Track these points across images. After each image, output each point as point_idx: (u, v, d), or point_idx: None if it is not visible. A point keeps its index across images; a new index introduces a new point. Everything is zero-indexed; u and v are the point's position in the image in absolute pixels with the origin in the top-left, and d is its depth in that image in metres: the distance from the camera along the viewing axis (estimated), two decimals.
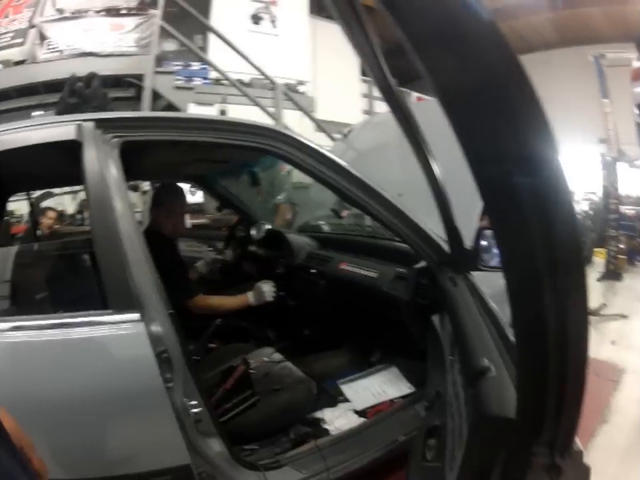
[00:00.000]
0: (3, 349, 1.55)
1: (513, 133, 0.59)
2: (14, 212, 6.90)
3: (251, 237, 3.94)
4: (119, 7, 7.64)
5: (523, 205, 0.63)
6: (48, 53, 7.41)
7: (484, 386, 1.12)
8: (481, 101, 0.59)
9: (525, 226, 0.64)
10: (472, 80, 0.58)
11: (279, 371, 2.40)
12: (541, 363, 0.71)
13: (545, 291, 0.66)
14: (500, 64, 0.57)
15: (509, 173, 0.62)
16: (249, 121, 2.12)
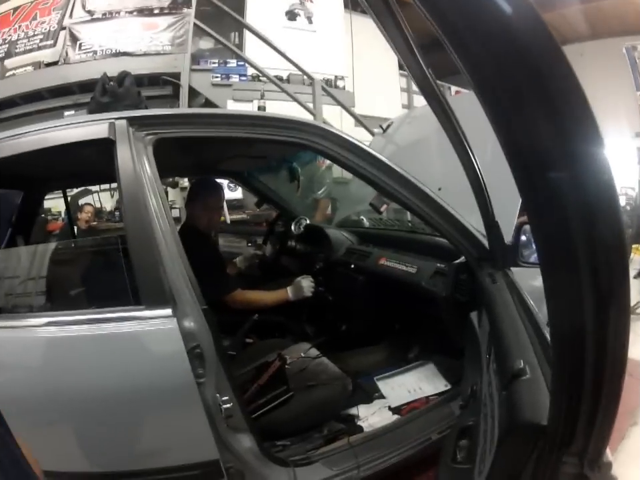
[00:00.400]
0: (38, 344, 1.59)
1: (556, 127, 0.56)
2: (51, 209, 7.10)
3: (290, 232, 3.94)
4: (151, 7, 7.70)
5: (563, 201, 0.59)
6: (81, 53, 7.51)
7: (517, 389, 1.08)
8: (524, 96, 0.56)
9: (564, 224, 0.61)
10: (513, 75, 0.55)
11: (315, 367, 2.37)
12: (577, 369, 0.67)
13: (585, 292, 0.62)
14: (543, 57, 0.54)
15: (549, 168, 0.58)
16: (286, 115, 2.10)
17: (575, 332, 0.65)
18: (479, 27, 0.52)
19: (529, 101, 0.55)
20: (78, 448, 1.66)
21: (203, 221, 2.86)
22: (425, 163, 2.85)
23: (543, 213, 0.63)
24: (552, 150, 0.57)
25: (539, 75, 0.53)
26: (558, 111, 0.55)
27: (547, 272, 0.67)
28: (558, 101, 0.54)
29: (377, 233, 3.66)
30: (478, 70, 0.55)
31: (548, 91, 0.54)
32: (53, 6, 7.86)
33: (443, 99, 1.44)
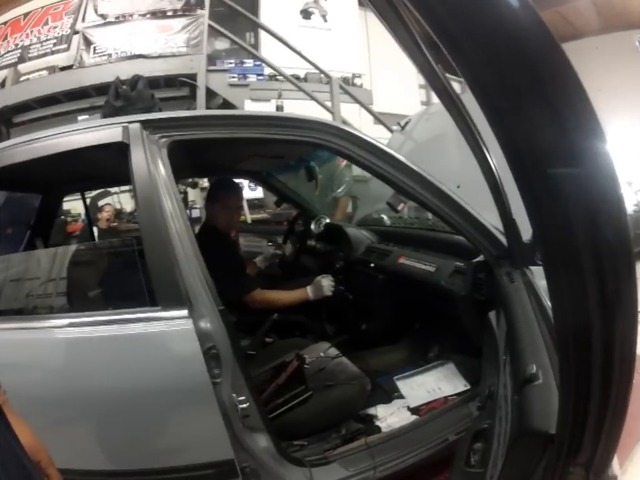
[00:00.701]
0: (59, 344, 1.61)
1: (555, 125, 0.54)
2: (71, 211, 7.22)
3: (310, 231, 3.95)
4: (164, 10, 7.70)
5: (565, 200, 0.57)
6: (96, 57, 7.57)
7: (529, 395, 1.06)
8: (522, 96, 0.54)
9: (567, 223, 0.58)
10: (511, 75, 0.53)
11: (334, 367, 2.37)
12: (584, 378, 0.65)
13: (590, 297, 0.60)
14: (543, 54, 0.52)
15: (550, 166, 0.56)
16: (300, 115, 2.10)
17: (580, 338, 0.63)
18: (471, 26, 0.50)
19: (526, 99, 0.53)
20: (96, 447, 1.69)
21: (223, 221, 2.87)
22: (444, 160, 2.82)
23: (545, 213, 0.61)
24: (551, 148, 0.55)
25: (536, 73, 0.51)
26: (557, 108, 0.53)
27: (551, 274, 0.65)
28: (557, 98, 0.52)
29: (397, 232, 3.63)
30: (472, 69, 0.53)
31: (546, 87, 0.52)
32: (64, 11, 7.94)
33: (454, 96, 1.41)
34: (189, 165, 2.53)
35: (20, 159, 1.73)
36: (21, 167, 1.76)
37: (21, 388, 1.51)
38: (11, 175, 2.04)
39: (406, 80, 9.31)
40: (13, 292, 2.03)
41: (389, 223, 3.90)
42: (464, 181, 2.39)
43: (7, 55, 7.96)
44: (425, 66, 1.24)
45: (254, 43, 8.40)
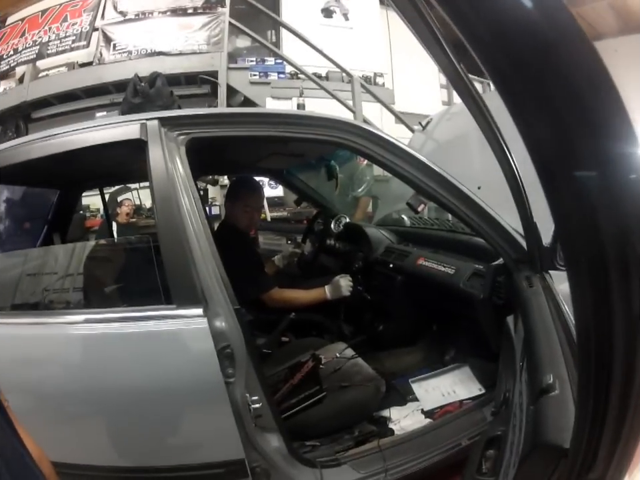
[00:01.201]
0: (75, 340, 1.63)
1: (585, 126, 0.52)
2: (90, 206, 7.33)
3: (330, 231, 3.93)
4: (184, 7, 7.76)
5: (593, 208, 0.54)
6: (116, 54, 7.64)
7: (544, 406, 1.03)
8: (552, 97, 0.51)
9: (595, 232, 0.56)
10: (541, 75, 0.51)
11: (349, 368, 2.35)
12: (603, 394, 0.63)
13: (615, 311, 0.57)
14: (582, 66, 0.49)
15: (577, 169, 0.53)
16: (320, 113, 2.09)
17: (602, 351, 0.61)
18: (500, 23, 0.48)
19: (555, 99, 0.50)
20: (110, 443, 1.70)
21: (243, 219, 2.87)
22: (465, 161, 2.80)
23: (569, 219, 0.58)
24: (579, 150, 0.52)
25: (567, 72, 0.49)
26: (587, 107, 0.50)
27: (575, 283, 0.62)
28: (588, 98, 0.50)
29: (416, 232, 3.61)
30: (498, 68, 0.51)
31: (577, 88, 0.50)
32: (83, 8, 8.02)
33: (476, 96, 1.39)
34: (209, 162, 2.53)
35: (39, 154, 1.75)
36: (40, 162, 1.78)
37: (36, 383, 1.53)
38: (29, 170, 2.06)
39: (427, 79, 9.28)
40: (29, 287, 2.05)
41: (408, 224, 3.88)
42: (485, 182, 2.36)
43: (25, 51, 8.06)
44: (447, 66, 1.22)
45: (275, 41, 8.45)
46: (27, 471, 0.82)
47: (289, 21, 7.61)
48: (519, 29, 0.49)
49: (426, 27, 1.00)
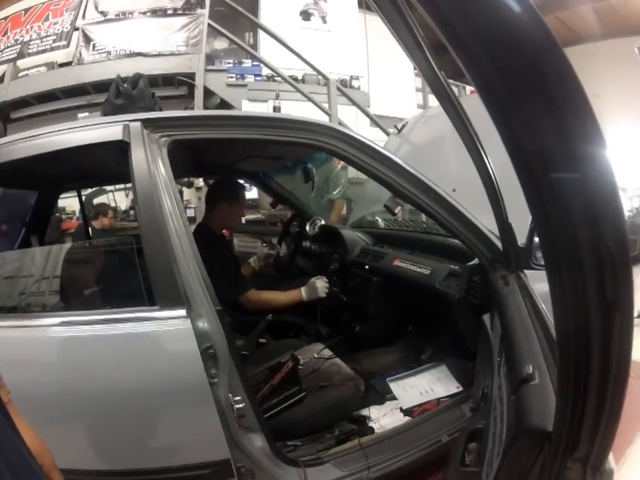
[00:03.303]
0: (52, 343, 1.62)
1: (558, 128, 0.56)
2: (66, 208, 7.21)
3: (305, 233, 3.98)
4: (164, 8, 7.73)
5: (568, 202, 0.59)
6: (95, 54, 7.57)
7: (525, 394, 1.08)
8: (526, 99, 0.55)
9: (570, 226, 0.60)
10: (516, 77, 0.55)
11: (328, 368, 2.39)
12: (581, 376, 0.68)
13: (589, 298, 0.62)
14: (545, 58, 0.53)
15: (553, 170, 0.58)
16: (299, 117, 2.12)
17: (579, 338, 0.65)
18: (480, 28, 0.52)
19: (530, 101, 0.55)
20: (92, 446, 1.69)
21: (222, 222, 2.90)
22: (440, 163, 2.85)
23: (547, 216, 0.63)
24: (553, 150, 0.57)
25: (540, 75, 0.53)
26: (559, 110, 0.54)
27: (553, 276, 0.67)
28: (559, 101, 0.54)
29: (392, 234, 3.68)
30: (479, 70, 0.55)
31: (549, 90, 0.54)
32: (65, 7, 7.93)
33: (454, 99, 1.43)
34: (187, 164, 2.54)
35: (20, 155, 1.73)
36: (21, 163, 1.77)
37: (17, 386, 1.53)
38: (9, 171, 2.04)
39: (403, 83, 9.39)
40: (6, 289, 2.04)
41: (383, 226, 3.95)
42: (460, 184, 2.41)
43: (7, 50, 7.94)
44: (426, 69, 1.26)
45: (253, 43, 8.42)
46: (26, 469, 0.83)
47: (268, 23, 7.62)
48: (501, 36, 0.52)
49: (407, 31, 1.04)
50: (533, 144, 0.57)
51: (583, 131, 0.56)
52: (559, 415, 0.75)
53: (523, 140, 0.58)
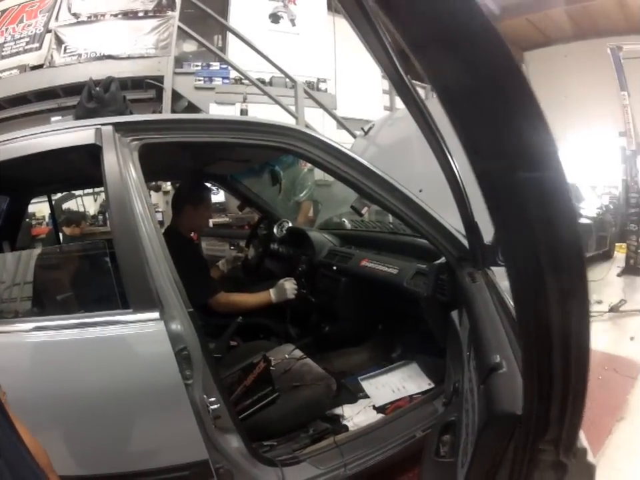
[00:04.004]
0: (27, 348, 1.61)
1: (511, 129, 0.60)
2: (35, 214, 7.09)
3: (273, 235, 4.01)
4: (136, 10, 7.66)
5: (524, 201, 0.63)
6: (66, 56, 7.47)
7: (494, 382, 1.12)
8: (479, 100, 0.59)
9: (526, 223, 0.64)
10: (469, 78, 0.58)
11: (299, 368, 2.41)
12: (545, 360, 0.72)
13: (548, 289, 0.66)
14: (496, 61, 0.57)
15: (508, 170, 0.62)
16: (267, 120, 2.15)
17: (541, 328, 0.69)
18: (440, 36, 0.55)
19: (485, 106, 0.58)
20: (68, 451, 1.67)
21: (190, 225, 2.92)
22: (407, 165, 2.90)
23: (506, 214, 0.67)
24: (509, 151, 0.61)
25: (492, 81, 0.57)
26: (512, 114, 0.59)
27: (512, 271, 0.71)
28: (512, 105, 0.58)
29: (359, 235, 3.74)
30: (438, 76, 0.59)
31: (500, 95, 0.58)
32: (39, 9, 7.80)
33: (420, 102, 1.47)
34: (156, 168, 2.54)
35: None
36: None
37: None
38: None
39: (370, 85, 9.45)
40: None
41: (350, 227, 4.01)
42: (426, 185, 2.46)
43: None
44: (392, 73, 1.29)
45: (221, 46, 8.43)
46: (26, 469, 0.84)
47: (237, 26, 7.62)
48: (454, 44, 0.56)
49: (374, 34, 1.07)
50: (489, 147, 0.61)
51: (533, 135, 0.60)
52: (526, 398, 0.80)
53: (478, 143, 0.62)
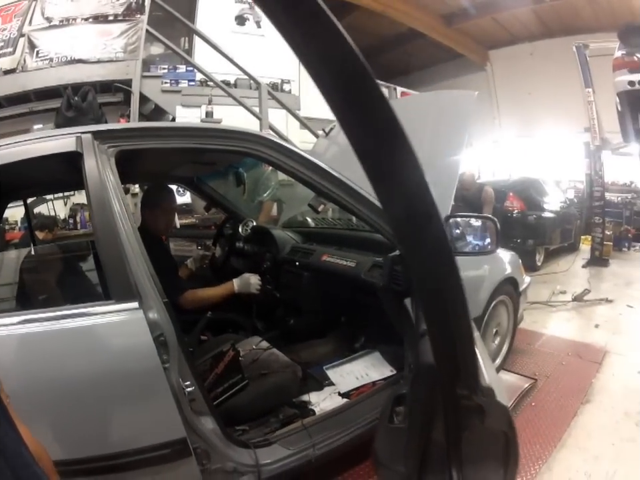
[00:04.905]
0: (14, 340, 1.74)
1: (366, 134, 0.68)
2: (8, 219, 7.06)
3: (238, 234, 4.20)
4: (106, 14, 7.73)
5: (400, 204, 0.76)
6: (38, 61, 7.51)
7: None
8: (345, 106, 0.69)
9: (408, 222, 0.78)
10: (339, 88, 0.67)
11: (267, 357, 2.61)
12: (443, 326, 0.90)
13: (432, 270, 0.83)
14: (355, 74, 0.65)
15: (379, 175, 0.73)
16: (230, 126, 2.35)
17: (434, 298, 0.87)
18: (320, 58, 0.64)
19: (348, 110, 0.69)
20: (55, 436, 1.76)
21: (159, 224, 3.07)
22: None
23: (389, 213, 0.82)
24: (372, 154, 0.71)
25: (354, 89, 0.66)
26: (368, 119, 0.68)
27: (405, 249, 0.88)
28: (367, 111, 0.67)
29: (320, 232, 3.98)
30: (320, 82, 0.66)
31: (360, 101, 0.67)
32: (14, 13, 7.84)
33: None
34: (131, 172, 2.69)
35: None
36: None
37: None
38: None
39: None
40: None
41: (313, 225, 4.25)
42: None
43: None
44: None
45: (188, 48, 8.56)
46: (27, 469, 0.89)
47: (204, 28, 7.71)
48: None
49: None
50: (360, 147, 0.70)
51: (390, 140, 0.70)
52: (434, 352, 0.97)
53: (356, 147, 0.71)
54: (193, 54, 8.16)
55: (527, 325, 5.20)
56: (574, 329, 5.49)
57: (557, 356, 4.47)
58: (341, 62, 0.63)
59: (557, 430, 3.12)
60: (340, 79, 0.64)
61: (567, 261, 8.59)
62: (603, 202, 8.98)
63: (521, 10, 12.30)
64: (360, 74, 0.64)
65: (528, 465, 2.79)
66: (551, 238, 8.84)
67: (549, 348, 4.73)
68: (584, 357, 4.39)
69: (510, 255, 4.08)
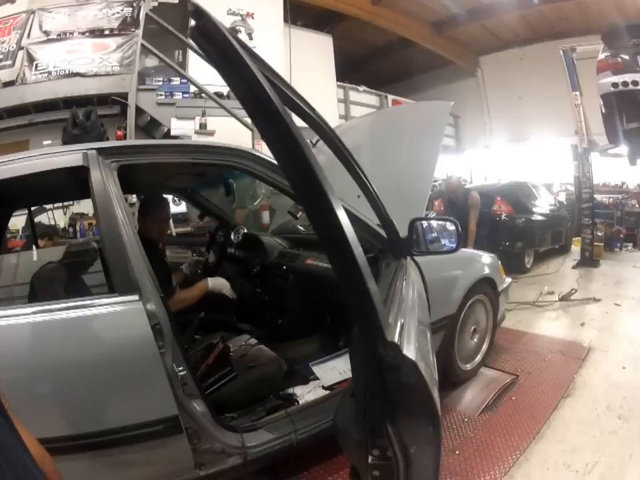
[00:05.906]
0: (29, 327, 1.99)
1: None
2: (9, 227, 7.25)
3: (230, 241, 4.47)
4: (102, 28, 7.93)
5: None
6: (37, 74, 7.69)
7: None
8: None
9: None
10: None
11: (255, 352, 2.87)
12: (351, 288, 1.08)
13: (341, 260, 1.03)
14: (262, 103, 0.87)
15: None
16: (220, 143, 2.65)
17: (351, 285, 1.07)
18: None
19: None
20: (64, 414, 2.03)
21: (154, 231, 3.29)
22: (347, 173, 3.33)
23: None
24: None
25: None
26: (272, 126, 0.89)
27: (322, 239, 1.06)
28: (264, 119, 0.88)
29: (307, 238, 4.26)
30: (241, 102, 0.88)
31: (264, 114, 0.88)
32: (12, 26, 7.99)
33: (327, 129, 1.77)
34: (130, 184, 2.94)
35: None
36: None
37: None
38: None
39: (325, 94, 9.89)
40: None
41: (302, 231, 4.52)
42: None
43: None
44: None
45: (182, 61, 8.71)
46: (26, 470, 0.89)
47: None
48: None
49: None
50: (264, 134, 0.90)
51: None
52: (350, 311, 1.13)
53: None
54: (186, 66, 8.37)
55: (512, 325, 5.37)
56: (559, 327, 5.57)
57: (540, 353, 4.57)
58: (249, 89, 0.85)
59: (535, 422, 3.25)
60: (247, 99, 0.87)
61: (558, 262, 8.70)
62: (591, 203, 9.06)
63: (509, 16, 12.50)
64: (259, 95, 0.85)
65: (505, 455, 2.90)
66: (540, 240, 8.93)
67: (533, 346, 4.82)
68: (567, 354, 4.49)
69: (490, 256, 4.26)
